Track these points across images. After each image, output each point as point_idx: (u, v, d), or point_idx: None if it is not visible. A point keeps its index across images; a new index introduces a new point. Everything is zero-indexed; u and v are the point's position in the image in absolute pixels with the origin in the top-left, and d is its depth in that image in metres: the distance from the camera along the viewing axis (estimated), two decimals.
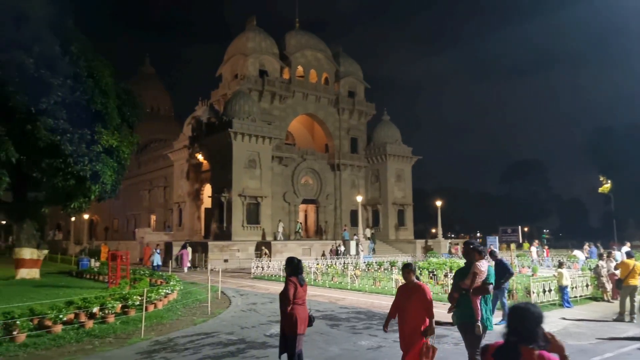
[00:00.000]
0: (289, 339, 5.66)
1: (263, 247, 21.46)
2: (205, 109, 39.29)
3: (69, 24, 17.99)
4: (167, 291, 13.05)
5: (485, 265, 5.85)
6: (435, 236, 41.45)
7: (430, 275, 17.33)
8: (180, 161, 40.61)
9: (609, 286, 13.69)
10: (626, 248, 16.98)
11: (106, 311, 10.27)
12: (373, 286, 16.87)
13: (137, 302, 11.07)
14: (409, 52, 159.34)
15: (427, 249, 36.22)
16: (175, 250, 28.86)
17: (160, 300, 12.34)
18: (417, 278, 5.51)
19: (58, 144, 16.44)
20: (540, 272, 21.21)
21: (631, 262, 11.02)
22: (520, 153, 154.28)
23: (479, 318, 5.73)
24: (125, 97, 20.35)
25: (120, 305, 10.87)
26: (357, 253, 29.15)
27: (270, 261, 22.03)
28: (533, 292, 12.26)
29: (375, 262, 24.58)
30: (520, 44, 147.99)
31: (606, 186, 56.03)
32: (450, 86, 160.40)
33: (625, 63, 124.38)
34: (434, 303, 5.57)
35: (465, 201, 76.75)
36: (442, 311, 11.94)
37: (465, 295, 5.79)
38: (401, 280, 16.70)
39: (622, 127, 71.85)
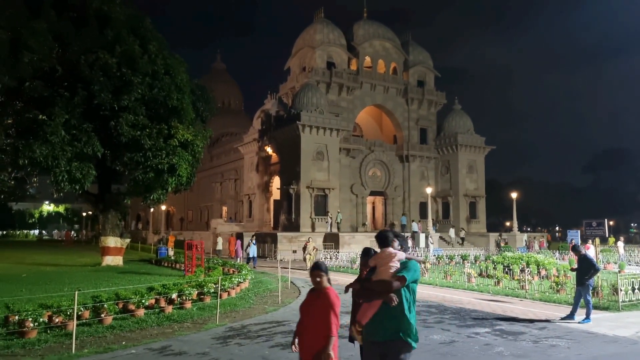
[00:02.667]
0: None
1: (306, 243, 21.12)
2: (274, 102, 40.03)
3: (147, 24, 18.98)
4: (239, 280, 13.43)
5: (401, 255, 4.15)
6: (510, 229, 39.44)
7: (506, 270, 16.50)
8: (250, 154, 41.76)
9: None
10: None
11: (184, 297, 10.73)
12: (444, 280, 16.35)
13: (212, 290, 11.48)
14: (481, 41, 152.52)
15: (499, 243, 34.54)
16: (246, 240, 29.79)
17: (233, 289, 12.72)
18: (330, 282, 4.22)
19: (138, 138, 17.45)
20: (628, 268, 19.51)
21: None
22: (607, 141, 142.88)
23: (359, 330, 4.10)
24: (199, 92, 21.20)
25: (196, 292, 11.32)
26: (427, 246, 28.43)
27: (312, 257, 21.65)
28: (621, 290, 11.25)
29: (446, 256, 23.85)
30: (602, 27, 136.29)
31: None
32: (524, 74, 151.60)
33: None
34: (506, 299, 4.99)
35: (543, 193, 72.46)
36: (517, 307, 11.33)
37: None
38: (474, 275, 16.10)
39: None
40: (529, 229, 58.91)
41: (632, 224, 70.94)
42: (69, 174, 17.00)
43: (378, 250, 4.47)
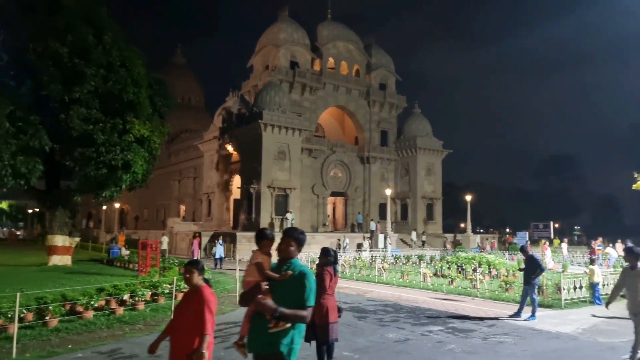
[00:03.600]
0: (320, 327, 5.69)
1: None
2: (235, 100, 39.54)
3: (102, 13, 18.25)
4: None
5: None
6: (464, 231, 40.66)
7: (459, 269, 17.00)
8: (210, 152, 41.07)
9: None
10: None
11: (136, 299, 10.41)
12: (401, 279, 16.64)
13: (167, 291, 11.20)
14: (441, 47, 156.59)
15: (455, 244, 35.57)
16: (204, 240, 29.29)
17: None
18: (207, 281, 3.99)
19: (91, 133, 16.77)
20: (571, 268, 20.54)
21: None
22: (554, 148, 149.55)
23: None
24: (156, 87, 20.59)
25: (150, 293, 11.00)
26: (385, 246, 28.87)
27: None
28: (563, 289, 11.85)
29: (403, 256, 24.29)
30: (553, 42, 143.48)
31: None
32: (482, 81, 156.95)
33: None
34: (459, 297, 5.22)
35: (496, 196, 75.10)
36: (469, 305, 11.70)
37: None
38: (429, 274, 16.47)
39: None
40: (481, 231, 60.91)
41: (576, 227, 74.79)
42: (13, 168, 16.12)
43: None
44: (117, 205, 42.77)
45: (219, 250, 21.73)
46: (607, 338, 8.50)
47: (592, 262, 13.69)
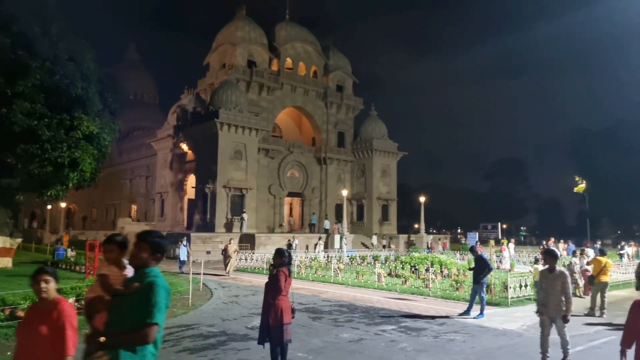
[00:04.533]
0: (274, 329, 5.67)
1: (227, 245, 19.88)
2: (191, 98, 38.72)
3: (51, 3, 17.37)
4: None
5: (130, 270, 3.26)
6: (418, 231, 41.66)
7: (412, 269, 17.40)
8: (163, 150, 40.00)
9: (581, 282, 14.02)
10: (596, 246, 17.32)
11: (83, 302, 9.97)
12: (356, 280, 16.83)
13: None
14: (397, 52, 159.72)
15: (409, 244, 36.40)
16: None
17: None
18: (61, 292, 3.37)
19: (35, 128, 15.91)
20: (518, 267, 21.50)
21: (603, 259, 11.30)
22: (503, 152, 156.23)
23: None
24: (107, 82, 19.78)
25: None
26: (341, 247, 29.10)
27: (234, 261, 20.50)
28: (510, 287, 12.37)
29: (359, 256, 24.58)
30: (504, 52, 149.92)
31: (581, 186, 57.17)
32: (437, 87, 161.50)
33: (602, 71, 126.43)
34: (412, 297, 5.32)
35: (448, 197, 77.46)
36: (421, 304, 12.03)
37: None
38: (384, 274, 16.78)
39: (598, 130, 73.42)
40: (434, 231, 62.64)
41: (522, 228, 78.38)
42: None
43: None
44: (63, 204, 40.84)
45: (183, 251, 20.28)
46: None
47: (536, 261, 14.36)
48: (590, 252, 16.81)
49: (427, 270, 16.04)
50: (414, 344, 7.98)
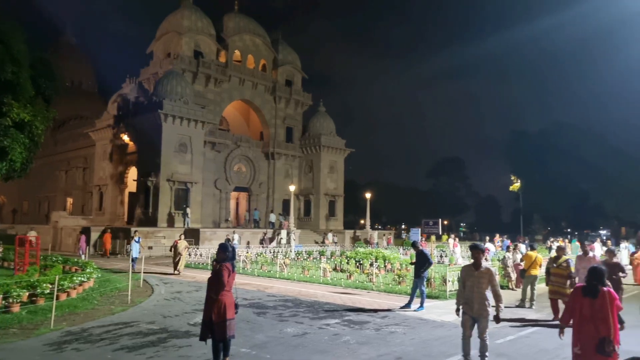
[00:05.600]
0: (217, 325, 5.61)
1: (176, 241, 18.57)
2: (133, 87, 37.20)
3: None
4: (82, 279, 12.18)
5: None
6: (363, 227, 42.45)
7: (357, 264, 17.71)
8: (103, 141, 38.21)
9: (513, 275, 14.86)
10: (526, 242, 18.44)
11: (10, 300, 9.40)
12: (302, 275, 16.92)
13: (47, 291, 10.24)
14: (347, 50, 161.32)
15: (355, 239, 37.03)
16: (94, 236, 27.25)
17: (75, 289, 11.51)
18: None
19: None
20: (457, 262, 22.44)
21: (533, 254, 12.02)
22: (446, 151, 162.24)
23: None
24: (40, 67, 18.54)
25: (27, 293, 9.99)
26: (288, 242, 29.12)
27: (184, 258, 19.50)
28: (449, 281, 12.90)
29: (305, 251, 24.68)
30: (448, 55, 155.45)
31: (516, 185, 60.64)
32: (385, 86, 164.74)
33: (537, 75, 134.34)
34: (356, 291, 5.38)
35: (393, 194, 79.30)
36: (365, 298, 12.30)
37: None
38: (329, 269, 16.97)
39: (533, 132, 77.96)
40: (379, 227, 64.10)
41: (462, 224, 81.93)
42: None
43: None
44: None
45: (136, 248, 18.56)
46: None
47: None
48: (523, 247, 17.84)
49: (371, 265, 16.39)
50: (356, 336, 8.15)
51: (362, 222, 54.83)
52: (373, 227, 45.18)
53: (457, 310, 6.43)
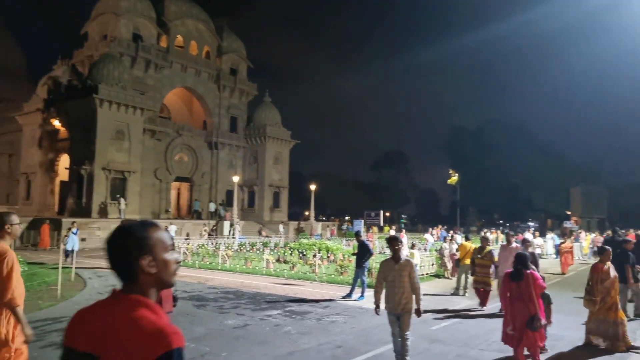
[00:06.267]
0: None
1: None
2: (65, 69, 35.01)
3: None
4: None
5: None
6: (308, 218, 42.71)
7: (301, 255, 17.79)
8: (31, 126, 35.73)
9: (449, 265, 15.55)
10: (460, 233, 19.36)
11: None
12: (244, 266, 16.76)
13: None
14: (293, 41, 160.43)
15: (299, 231, 37.18)
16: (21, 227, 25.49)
17: None
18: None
19: None
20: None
21: (468, 244, 12.63)
22: (389, 145, 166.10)
23: None
24: None
25: None
26: (232, 233, 28.71)
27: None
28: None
29: (248, 243, 24.47)
30: (394, 50, 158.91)
31: (454, 178, 63.42)
32: (330, 79, 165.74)
33: (478, 73, 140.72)
34: (299, 282, 5.42)
35: (338, 186, 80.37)
36: (307, 289, 12.41)
37: None
38: (272, 260, 16.93)
39: (471, 128, 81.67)
40: (324, 218, 64.72)
41: (403, 216, 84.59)
42: None
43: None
44: None
45: (72, 240, 17.02)
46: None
47: (413, 246, 15.58)
48: (459, 238, 18.66)
49: (314, 256, 16.52)
50: (298, 327, 8.19)
51: (306, 213, 55.12)
52: (317, 219, 45.55)
53: (377, 307, 5.94)
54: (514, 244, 10.49)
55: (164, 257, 1.54)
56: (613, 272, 7.31)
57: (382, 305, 6.01)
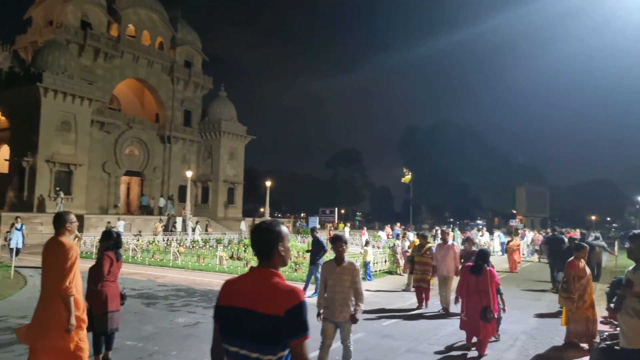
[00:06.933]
0: (97, 317, 5.23)
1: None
2: (7, 55, 32.99)
3: None
4: None
5: None
6: (263, 215, 42.41)
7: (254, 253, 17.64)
8: None
9: (402, 262, 15.92)
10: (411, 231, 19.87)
11: None
12: (197, 263, 16.46)
13: None
14: (251, 38, 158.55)
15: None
16: None
17: None
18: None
19: None
20: (351, 249, 23.47)
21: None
22: (345, 143, 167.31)
23: None
24: None
25: None
26: (184, 229, 28.10)
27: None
28: None
29: (201, 239, 24.05)
30: (349, 48, 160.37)
31: (407, 177, 65.06)
32: (288, 76, 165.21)
33: (431, 76, 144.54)
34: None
35: (294, 183, 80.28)
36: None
37: None
38: (226, 257, 16.70)
39: (425, 128, 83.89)
40: (279, 215, 64.49)
41: (358, 213, 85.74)
42: None
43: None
44: None
45: (16, 236, 15.68)
46: (374, 307, 9.90)
47: (366, 243, 15.83)
48: (411, 236, 19.13)
49: None
50: None
51: (262, 210, 54.76)
52: (273, 216, 45.34)
53: (319, 315, 5.16)
54: (450, 242, 10.08)
55: (288, 246, 2.23)
56: (588, 270, 7.28)
57: None
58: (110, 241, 5.51)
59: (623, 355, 3.60)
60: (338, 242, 5.18)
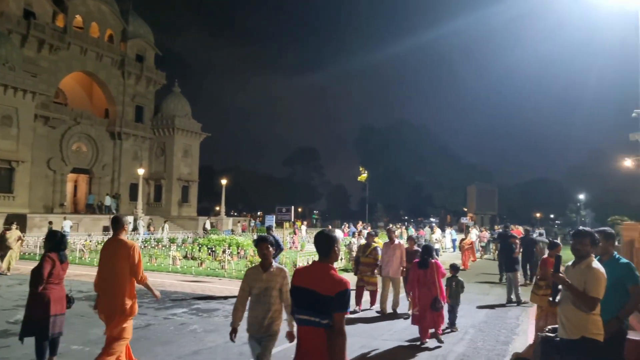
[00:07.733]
0: (40, 322, 4.97)
1: (5, 232, 14.41)
2: None
3: None
4: None
5: None
6: (219, 214, 41.77)
7: (209, 251, 17.38)
8: None
9: None
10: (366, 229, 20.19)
11: None
12: (149, 263, 16.00)
13: None
14: (205, 34, 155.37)
15: (210, 226, 36.19)
16: None
17: None
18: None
19: None
20: (308, 247, 23.57)
21: (376, 239, 13.14)
22: (302, 141, 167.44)
23: None
24: None
25: None
26: (136, 229, 27.22)
27: (17, 252, 15.83)
28: (299, 265, 13.47)
29: (154, 239, 23.41)
30: (302, 49, 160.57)
31: (364, 175, 65.92)
32: (244, 74, 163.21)
33: (387, 77, 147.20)
34: (207, 279, 5.20)
35: (250, 181, 79.43)
36: (215, 286, 12.16)
37: None
38: (179, 257, 16.32)
39: (381, 128, 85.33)
40: (235, 214, 63.71)
41: (315, 211, 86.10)
42: None
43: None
44: None
45: None
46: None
47: None
48: (366, 233, 19.43)
49: (224, 252, 16.23)
50: (204, 324, 8.00)
51: (217, 208, 53.90)
52: (229, 214, 44.70)
53: (233, 331, 4.36)
54: (396, 241, 9.72)
55: (339, 247, 3.14)
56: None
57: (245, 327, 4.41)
58: (54, 241, 5.26)
59: (562, 345, 3.80)
60: (262, 243, 4.33)
